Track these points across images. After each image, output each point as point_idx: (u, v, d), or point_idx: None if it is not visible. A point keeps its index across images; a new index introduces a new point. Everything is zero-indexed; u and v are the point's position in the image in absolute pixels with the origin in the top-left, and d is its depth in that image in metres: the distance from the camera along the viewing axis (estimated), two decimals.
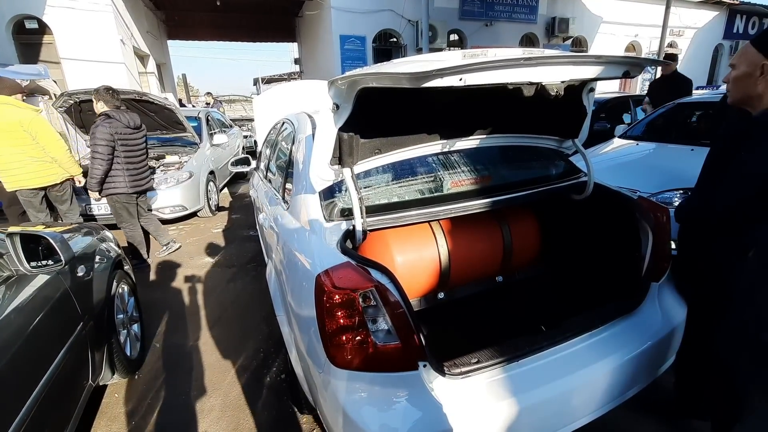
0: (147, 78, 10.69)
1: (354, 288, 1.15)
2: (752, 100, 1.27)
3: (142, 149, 3.55)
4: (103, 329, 1.97)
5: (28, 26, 7.99)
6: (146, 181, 3.64)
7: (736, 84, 1.30)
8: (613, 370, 1.37)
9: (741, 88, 1.28)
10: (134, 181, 3.47)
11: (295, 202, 1.77)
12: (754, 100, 1.26)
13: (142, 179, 3.57)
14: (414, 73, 1.00)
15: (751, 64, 1.23)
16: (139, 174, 3.53)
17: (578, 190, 1.89)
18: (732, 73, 1.31)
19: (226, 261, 3.86)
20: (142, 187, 3.59)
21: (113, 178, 3.38)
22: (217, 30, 15.04)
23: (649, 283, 1.58)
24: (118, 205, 3.50)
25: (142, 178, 3.58)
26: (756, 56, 1.22)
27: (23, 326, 1.41)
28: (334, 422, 1.26)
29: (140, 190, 3.57)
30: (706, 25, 14.98)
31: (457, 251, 1.86)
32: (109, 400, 2.10)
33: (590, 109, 1.82)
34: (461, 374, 1.23)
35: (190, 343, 2.57)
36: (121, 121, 3.30)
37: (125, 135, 3.34)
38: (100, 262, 2.17)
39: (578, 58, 1.18)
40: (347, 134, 1.42)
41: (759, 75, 1.22)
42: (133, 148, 3.43)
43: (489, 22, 11.60)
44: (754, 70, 1.22)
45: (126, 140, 3.35)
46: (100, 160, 3.21)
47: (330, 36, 10.42)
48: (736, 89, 1.30)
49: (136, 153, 3.47)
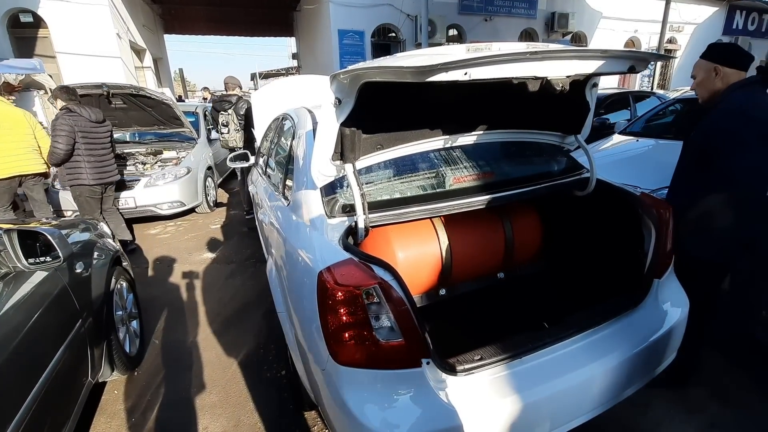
0: (144, 72, 10.61)
1: (357, 285, 1.14)
2: (715, 95, 1.71)
3: (105, 142, 3.60)
4: (102, 326, 1.96)
5: (23, 20, 7.90)
6: (110, 173, 3.68)
7: (700, 87, 1.76)
8: (616, 366, 1.36)
9: (705, 89, 1.74)
10: (97, 173, 3.53)
11: (295, 198, 1.76)
12: (716, 95, 1.71)
13: (105, 172, 3.61)
14: (419, 67, 0.98)
15: (707, 70, 1.70)
16: (103, 166, 3.58)
17: (580, 186, 1.88)
18: (695, 81, 1.77)
19: (225, 257, 3.85)
20: (106, 180, 3.63)
21: (76, 169, 3.45)
22: (214, 24, 14.92)
23: (652, 279, 1.57)
24: (82, 198, 3.56)
25: (106, 171, 3.62)
26: (708, 65, 1.70)
27: (21, 324, 1.40)
28: (336, 419, 1.25)
29: (104, 182, 3.62)
30: (706, 21, 14.95)
31: (459, 247, 1.85)
32: (109, 397, 2.09)
33: (593, 105, 1.80)
34: (464, 371, 1.23)
35: (189, 339, 2.56)
36: (83, 115, 3.39)
37: (87, 128, 3.42)
38: (99, 258, 2.15)
39: (584, 52, 1.17)
40: (349, 129, 1.40)
41: (715, 76, 1.68)
42: (95, 141, 3.50)
43: (488, 17, 11.55)
44: (710, 74, 1.70)
45: (87, 133, 3.42)
46: (60, 144, 3.29)
47: (328, 30, 10.35)
48: (702, 91, 1.76)
49: (98, 146, 3.53)
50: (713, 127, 1.62)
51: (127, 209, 4.48)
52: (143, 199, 4.52)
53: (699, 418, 1.78)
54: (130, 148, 5.43)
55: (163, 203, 4.65)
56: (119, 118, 5.13)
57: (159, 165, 4.90)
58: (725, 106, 1.62)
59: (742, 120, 1.57)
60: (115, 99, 4.77)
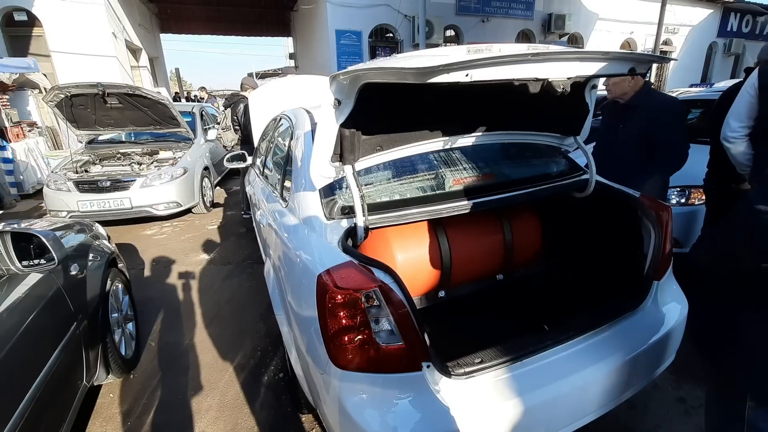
0: (139, 72, 10.55)
1: (357, 288, 1.13)
2: (624, 95, 2.24)
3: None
4: (98, 328, 1.93)
5: (17, 18, 7.83)
6: None
7: (614, 86, 2.24)
8: (617, 368, 1.36)
9: (618, 88, 2.23)
10: None
11: (294, 200, 1.74)
12: (624, 95, 2.24)
13: None
14: (420, 68, 0.97)
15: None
16: None
17: (580, 187, 1.87)
18: (611, 80, 2.23)
19: (222, 258, 3.82)
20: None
21: None
22: (210, 23, 14.84)
23: (651, 281, 1.57)
24: None
25: None
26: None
27: (15, 327, 1.38)
28: (335, 423, 1.24)
29: None
30: (701, 23, 15.07)
31: (458, 249, 1.85)
32: (104, 401, 2.07)
33: (592, 106, 1.80)
34: (465, 374, 1.22)
35: (186, 341, 2.54)
36: None
37: None
38: (94, 260, 2.12)
39: (585, 54, 1.16)
40: (349, 130, 1.38)
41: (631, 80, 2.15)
42: None
43: (485, 18, 11.57)
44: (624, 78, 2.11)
45: None
46: None
47: (325, 31, 10.33)
48: (615, 89, 2.25)
49: None
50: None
51: (122, 210, 4.44)
52: (139, 199, 4.48)
53: (699, 418, 1.78)
54: (125, 148, 5.39)
55: (160, 204, 4.61)
56: (115, 117, 5.09)
57: (155, 165, 4.86)
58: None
59: None
60: (111, 98, 4.72)
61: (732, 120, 1.98)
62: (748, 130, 1.95)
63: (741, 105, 1.94)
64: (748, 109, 1.91)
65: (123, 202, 4.42)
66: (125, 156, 5.13)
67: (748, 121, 1.93)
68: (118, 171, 4.66)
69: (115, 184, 4.44)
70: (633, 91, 2.23)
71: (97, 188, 4.41)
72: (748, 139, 1.97)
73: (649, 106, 2.18)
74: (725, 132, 2.02)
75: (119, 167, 4.77)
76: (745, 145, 1.97)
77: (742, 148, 1.98)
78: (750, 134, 1.97)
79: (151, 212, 4.59)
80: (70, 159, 4.85)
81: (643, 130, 2.17)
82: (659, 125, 2.13)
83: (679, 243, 2.69)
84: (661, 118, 2.14)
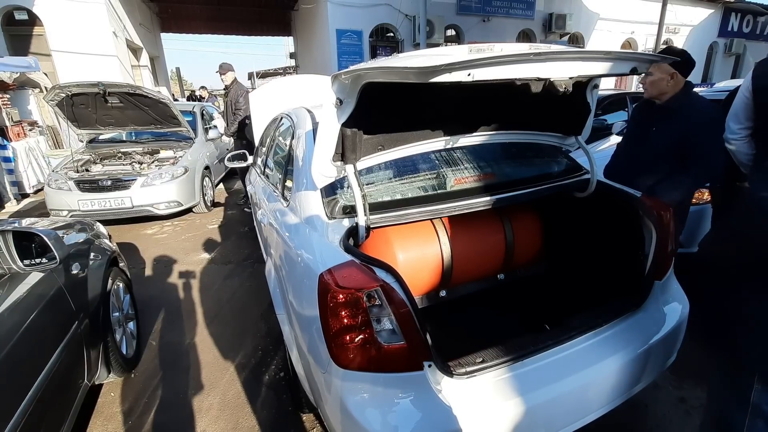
0: (140, 71, 10.54)
1: (358, 287, 1.13)
2: (661, 95, 2.06)
3: None
4: (99, 327, 1.94)
5: (17, 17, 7.83)
6: None
7: (651, 86, 2.05)
8: (618, 368, 1.36)
9: (656, 88, 2.05)
10: None
11: (295, 199, 1.74)
12: (662, 96, 2.06)
13: None
14: (422, 67, 0.97)
15: (665, 72, 1.99)
16: None
17: (581, 187, 1.87)
18: (649, 78, 2.04)
19: (223, 257, 3.82)
20: None
21: None
22: (211, 23, 14.84)
23: (653, 281, 1.57)
24: None
25: None
26: (669, 68, 1.97)
27: (17, 326, 1.38)
28: (336, 422, 1.24)
29: None
30: (701, 23, 15.04)
31: (460, 249, 1.85)
32: (105, 400, 2.07)
33: (594, 106, 1.80)
34: (466, 374, 1.22)
35: (187, 340, 2.54)
36: None
37: None
38: (95, 259, 2.12)
39: (587, 53, 1.16)
40: (350, 130, 1.39)
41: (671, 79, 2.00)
42: None
43: (486, 18, 11.55)
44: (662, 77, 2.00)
45: None
46: None
47: (326, 30, 10.32)
48: (652, 88, 2.06)
49: None
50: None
51: (123, 209, 4.44)
52: (140, 198, 4.48)
53: (699, 418, 1.77)
54: (126, 147, 5.40)
55: (160, 203, 4.61)
56: (116, 117, 5.09)
57: (156, 164, 4.86)
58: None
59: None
60: (112, 98, 4.72)
61: (731, 122, 1.99)
62: (748, 131, 1.96)
63: (738, 107, 1.96)
64: (745, 110, 1.92)
65: (124, 201, 4.42)
66: (126, 155, 5.13)
67: (747, 122, 1.94)
68: (119, 170, 4.66)
69: (116, 184, 4.44)
70: (672, 92, 2.03)
71: (98, 187, 4.41)
72: (749, 139, 1.97)
73: (689, 112, 1.98)
74: (726, 134, 2.02)
75: (120, 166, 4.77)
76: (747, 145, 1.98)
77: (743, 148, 1.99)
78: (751, 134, 1.98)
79: (151, 211, 4.59)
80: (70, 158, 4.86)
81: (678, 137, 1.99)
82: (698, 135, 1.95)
83: (681, 243, 2.69)
84: (701, 128, 1.95)
